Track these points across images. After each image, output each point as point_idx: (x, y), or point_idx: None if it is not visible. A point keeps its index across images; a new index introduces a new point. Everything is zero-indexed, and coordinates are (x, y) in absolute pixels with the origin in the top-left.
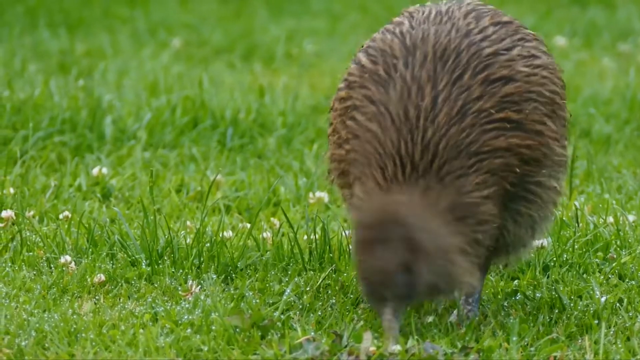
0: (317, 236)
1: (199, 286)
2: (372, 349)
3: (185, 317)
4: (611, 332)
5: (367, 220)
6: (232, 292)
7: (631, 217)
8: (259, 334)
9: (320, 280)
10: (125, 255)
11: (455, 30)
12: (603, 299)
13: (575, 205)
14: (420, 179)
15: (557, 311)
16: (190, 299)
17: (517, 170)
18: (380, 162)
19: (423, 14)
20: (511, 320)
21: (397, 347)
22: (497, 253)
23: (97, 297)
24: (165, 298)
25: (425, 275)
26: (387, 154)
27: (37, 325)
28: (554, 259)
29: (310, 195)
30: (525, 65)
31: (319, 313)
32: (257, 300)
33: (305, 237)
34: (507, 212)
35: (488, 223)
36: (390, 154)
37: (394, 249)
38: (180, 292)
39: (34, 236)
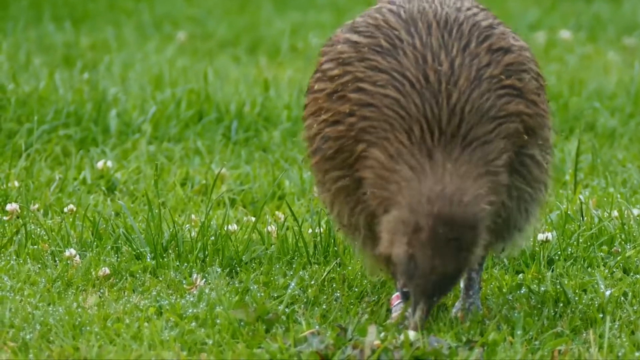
0: (321, 230)
1: (204, 280)
2: (377, 342)
3: (190, 310)
4: (616, 326)
5: (447, 216)
6: (236, 285)
7: (636, 211)
8: (264, 327)
9: (324, 274)
10: (130, 249)
11: (447, 5)
12: (607, 293)
13: (580, 199)
14: (448, 145)
15: (561, 305)
16: (194, 292)
17: (525, 137)
18: (405, 126)
19: None
20: (516, 314)
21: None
22: (494, 238)
23: (101, 291)
24: (170, 291)
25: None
26: (412, 117)
27: (42, 318)
28: (559, 252)
29: (315, 188)
30: (514, 41)
31: (324, 306)
32: (262, 294)
33: (310, 230)
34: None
35: (501, 194)
36: (415, 118)
37: (461, 254)
38: (184, 286)
39: (38, 229)
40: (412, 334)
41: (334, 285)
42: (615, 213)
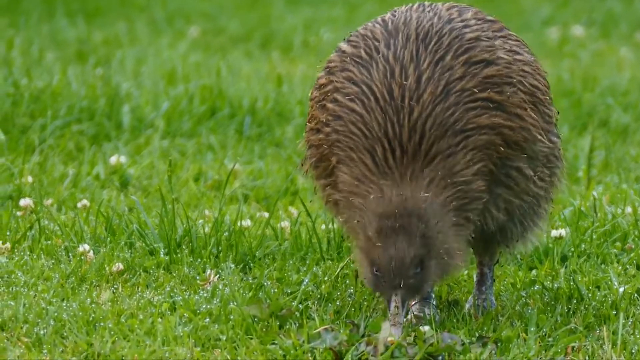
0: (335, 226)
1: (217, 275)
2: (391, 338)
3: (204, 306)
4: (629, 323)
5: (390, 210)
6: (250, 281)
7: None
8: (277, 323)
9: (338, 270)
10: (143, 244)
11: (438, 17)
12: (621, 290)
13: (593, 196)
14: (410, 163)
15: (575, 301)
16: (208, 288)
17: (502, 148)
18: (368, 146)
19: (406, 6)
20: (529, 311)
21: (398, 333)
22: (490, 244)
23: (115, 286)
24: (184, 287)
25: (433, 270)
26: (374, 137)
27: (56, 314)
28: (572, 249)
29: None
30: (506, 54)
31: (337, 303)
32: (276, 290)
33: (324, 226)
34: (490, 197)
35: (478, 200)
36: (377, 137)
37: (413, 243)
38: (198, 281)
39: (52, 225)
40: (389, 328)
41: (348, 282)
42: (628, 209)
